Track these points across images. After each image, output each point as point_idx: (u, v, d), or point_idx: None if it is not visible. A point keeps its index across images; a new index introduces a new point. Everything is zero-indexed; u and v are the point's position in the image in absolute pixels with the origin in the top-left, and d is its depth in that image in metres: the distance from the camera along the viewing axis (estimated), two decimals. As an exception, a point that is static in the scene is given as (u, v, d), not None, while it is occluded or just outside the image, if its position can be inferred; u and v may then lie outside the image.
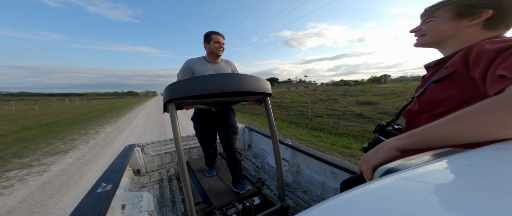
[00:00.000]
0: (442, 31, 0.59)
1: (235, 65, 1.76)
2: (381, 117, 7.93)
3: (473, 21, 0.53)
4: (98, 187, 1.07)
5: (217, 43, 1.53)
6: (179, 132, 1.00)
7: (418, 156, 0.37)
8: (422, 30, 0.64)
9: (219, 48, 1.54)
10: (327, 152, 3.90)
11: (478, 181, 0.22)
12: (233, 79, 0.99)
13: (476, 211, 0.17)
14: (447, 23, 0.58)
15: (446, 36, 0.59)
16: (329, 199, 0.23)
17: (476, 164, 0.28)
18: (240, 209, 1.31)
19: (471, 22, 0.54)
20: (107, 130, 6.88)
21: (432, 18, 0.61)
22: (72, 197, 2.44)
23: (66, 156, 4.04)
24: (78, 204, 0.92)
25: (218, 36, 1.53)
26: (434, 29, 0.61)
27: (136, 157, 2.04)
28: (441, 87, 0.56)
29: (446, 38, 0.60)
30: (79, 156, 4.01)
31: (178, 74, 1.58)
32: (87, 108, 18.94)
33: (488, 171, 0.24)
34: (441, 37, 0.60)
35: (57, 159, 3.87)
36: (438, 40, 0.61)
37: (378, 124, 0.79)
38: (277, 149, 1.30)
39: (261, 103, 1.35)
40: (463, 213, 0.17)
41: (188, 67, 1.52)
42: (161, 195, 1.73)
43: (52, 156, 4.09)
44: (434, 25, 0.60)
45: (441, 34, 0.60)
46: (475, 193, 0.20)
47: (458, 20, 0.56)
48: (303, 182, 1.78)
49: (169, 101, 0.99)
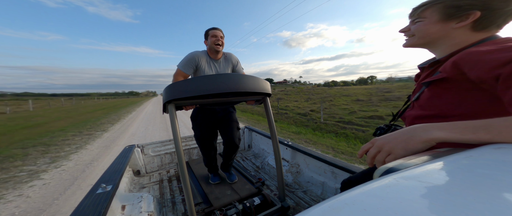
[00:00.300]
0: (431, 33, 0.58)
1: (236, 58, 1.70)
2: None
3: (460, 23, 0.53)
4: (98, 188, 1.07)
5: (214, 37, 1.49)
6: (178, 133, 0.99)
7: (417, 155, 0.37)
8: (410, 30, 0.63)
9: (217, 42, 1.49)
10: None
11: (478, 181, 0.22)
12: (233, 79, 0.99)
13: (475, 210, 0.17)
14: (435, 25, 0.57)
15: (435, 37, 0.58)
16: (329, 199, 0.23)
17: (475, 163, 0.28)
18: (240, 209, 1.31)
19: (458, 24, 0.53)
20: (136, 109, 16.84)
21: (421, 19, 0.60)
22: (135, 127, 6.93)
23: (126, 118, 10.25)
24: (78, 205, 0.92)
25: (215, 30, 1.51)
26: (422, 30, 0.60)
27: (135, 157, 2.03)
28: (437, 92, 0.55)
29: (434, 40, 0.59)
30: (133, 115, 11.45)
31: (178, 65, 1.51)
32: (114, 103, 31.90)
33: (487, 171, 0.25)
34: (430, 38, 0.59)
35: (122, 117, 10.62)
36: (427, 42, 0.61)
37: (378, 127, 0.76)
38: (277, 149, 1.30)
39: (260, 103, 1.35)
40: (463, 213, 0.17)
41: (193, 59, 1.48)
42: (161, 195, 1.72)
43: (119, 119, 9.96)
44: (423, 26, 0.59)
45: (429, 35, 0.59)
46: (474, 192, 0.20)
47: (446, 22, 0.55)
48: (303, 182, 1.78)
49: (169, 102, 0.99)
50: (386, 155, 0.43)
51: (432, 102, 0.56)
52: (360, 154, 0.50)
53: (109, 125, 7.92)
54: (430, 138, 0.40)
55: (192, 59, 1.48)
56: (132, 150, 1.91)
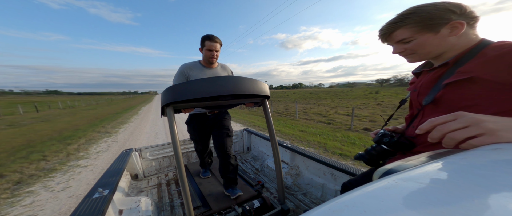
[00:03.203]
0: (433, 45, 0.58)
1: (231, 70, 1.72)
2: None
3: (452, 33, 0.54)
4: (95, 193, 1.05)
5: (209, 51, 1.46)
6: (177, 136, 0.99)
7: (416, 157, 0.37)
8: (407, 49, 0.62)
9: (212, 57, 1.47)
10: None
11: (476, 181, 0.23)
12: (231, 82, 0.99)
13: (473, 211, 0.17)
14: (431, 38, 0.57)
15: (440, 48, 0.58)
16: (329, 201, 0.23)
17: (473, 164, 0.28)
18: (240, 212, 1.29)
19: (452, 33, 0.54)
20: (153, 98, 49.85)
21: (408, 39, 0.60)
22: (152, 114, 12.34)
23: (145, 107, 20.46)
24: (74, 210, 0.91)
25: (211, 43, 1.44)
26: (422, 46, 0.59)
27: (133, 161, 2.02)
28: (459, 93, 0.54)
29: (440, 49, 0.59)
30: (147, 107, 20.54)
31: (173, 81, 1.53)
32: (133, 99, 42.94)
33: (484, 171, 0.25)
34: (436, 51, 0.59)
35: (143, 106, 21.56)
36: (433, 55, 0.61)
37: (380, 134, 0.69)
38: (276, 152, 1.30)
39: (259, 105, 1.35)
40: (461, 214, 0.17)
41: (182, 72, 1.48)
42: (159, 199, 1.71)
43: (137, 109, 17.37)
44: (420, 44, 0.59)
45: (433, 48, 0.59)
46: (472, 193, 0.20)
47: (435, 33, 0.56)
48: (302, 184, 1.78)
49: (167, 105, 0.99)
50: (482, 132, 0.35)
51: (457, 104, 0.55)
52: (424, 129, 0.41)
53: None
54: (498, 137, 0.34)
55: (181, 72, 1.48)
56: (130, 153, 1.89)
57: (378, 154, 0.68)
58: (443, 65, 0.60)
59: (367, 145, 3.94)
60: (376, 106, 13.13)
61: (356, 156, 0.74)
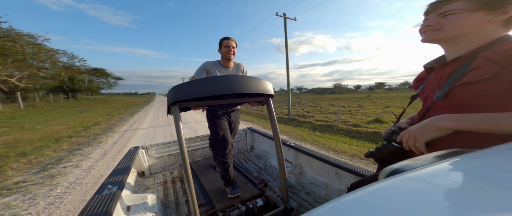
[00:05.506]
0: (466, 25, 0.53)
1: (244, 67, 1.88)
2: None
3: (500, 16, 0.50)
4: (104, 189, 1.08)
5: (227, 47, 1.64)
6: (182, 134, 1.00)
7: (424, 156, 0.36)
8: (438, 24, 0.58)
9: (229, 52, 1.65)
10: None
11: (489, 182, 0.22)
12: (236, 81, 0.99)
13: (487, 213, 0.17)
14: (473, 17, 0.52)
15: (466, 31, 0.54)
16: (333, 200, 0.23)
17: (486, 164, 0.27)
18: (243, 211, 1.30)
19: (497, 18, 0.50)
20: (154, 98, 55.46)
21: (453, 12, 0.55)
22: (155, 109, 16.32)
23: (153, 101, 31.67)
24: (85, 205, 0.93)
25: (228, 41, 1.64)
26: (456, 23, 0.55)
27: (140, 159, 2.05)
28: (476, 89, 0.51)
29: (464, 34, 0.55)
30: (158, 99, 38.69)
31: (194, 74, 1.69)
32: (141, 97, 55.77)
33: (498, 172, 0.24)
34: (461, 32, 0.55)
35: (152, 101, 33.33)
36: (455, 36, 0.56)
37: (390, 130, 0.68)
38: (280, 150, 1.30)
39: (263, 104, 1.35)
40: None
41: (204, 68, 1.64)
42: (165, 196, 1.73)
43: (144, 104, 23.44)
44: (457, 19, 0.54)
45: (463, 28, 0.54)
46: (485, 195, 0.19)
47: (485, 14, 0.51)
48: (306, 183, 1.77)
49: (173, 104, 1.00)
50: (413, 140, 0.52)
51: (467, 101, 0.53)
52: (399, 138, 0.59)
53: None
54: (439, 126, 0.48)
55: (203, 68, 1.65)
56: (137, 151, 1.93)
57: (389, 151, 0.65)
58: (456, 60, 0.57)
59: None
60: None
61: (367, 154, 0.71)
